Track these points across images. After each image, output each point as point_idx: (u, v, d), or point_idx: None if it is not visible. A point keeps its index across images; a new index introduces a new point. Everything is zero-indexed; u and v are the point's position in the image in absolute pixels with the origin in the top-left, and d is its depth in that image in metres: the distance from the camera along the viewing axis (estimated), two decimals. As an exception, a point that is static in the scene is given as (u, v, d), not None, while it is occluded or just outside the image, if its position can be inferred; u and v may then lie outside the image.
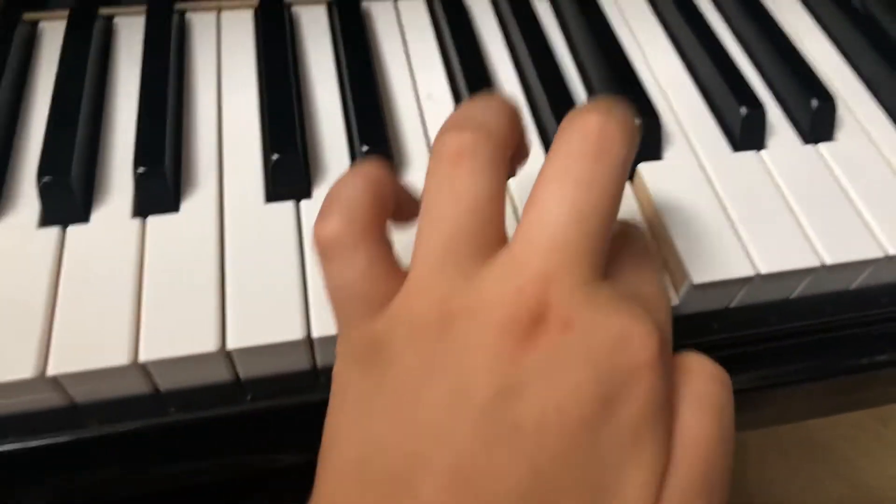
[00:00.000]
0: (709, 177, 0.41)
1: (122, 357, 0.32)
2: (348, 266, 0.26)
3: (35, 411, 0.34)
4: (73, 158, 0.38)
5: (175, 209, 0.38)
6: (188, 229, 0.37)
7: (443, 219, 0.25)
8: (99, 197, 0.39)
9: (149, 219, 0.37)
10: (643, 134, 0.40)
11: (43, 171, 0.37)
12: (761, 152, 0.42)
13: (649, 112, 0.42)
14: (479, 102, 0.28)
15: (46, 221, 0.37)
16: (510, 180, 0.40)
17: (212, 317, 0.33)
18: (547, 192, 0.25)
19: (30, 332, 0.32)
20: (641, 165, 0.41)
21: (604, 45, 0.47)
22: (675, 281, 0.37)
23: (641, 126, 0.40)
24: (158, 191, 0.38)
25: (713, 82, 0.46)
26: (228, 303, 0.34)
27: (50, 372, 0.32)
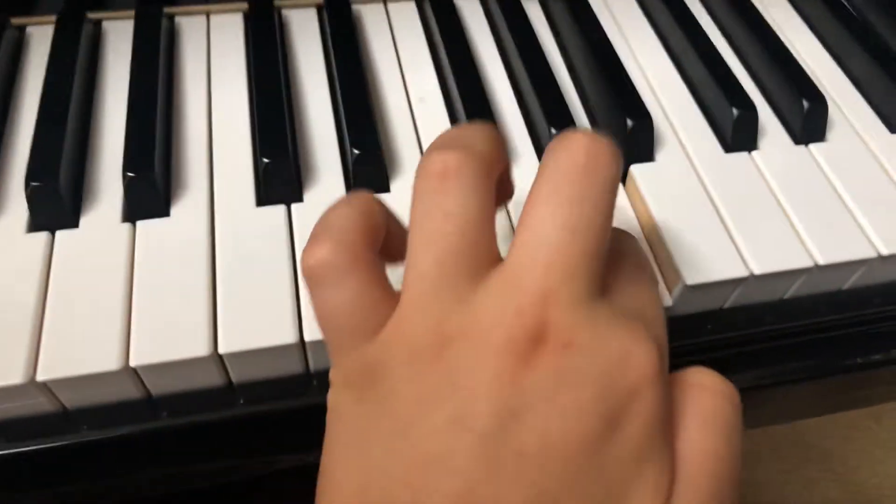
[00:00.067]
0: (701, 178, 0.41)
1: (113, 362, 0.32)
2: (339, 292, 0.25)
3: (25, 417, 0.33)
4: (62, 164, 0.38)
5: (165, 214, 0.38)
6: (179, 234, 0.37)
7: (433, 239, 0.25)
8: (88, 202, 0.38)
9: (139, 224, 0.37)
10: (635, 134, 0.41)
11: (31, 177, 0.37)
12: (753, 153, 0.42)
13: (641, 112, 0.42)
14: (463, 127, 0.28)
15: (35, 227, 0.37)
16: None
17: (203, 321, 0.33)
18: (539, 212, 0.25)
19: (19, 338, 0.32)
20: (634, 167, 0.41)
21: (594, 47, 0.47)
22: (669, 282, 0.37)
23: (633, 128, 0.41)
24: (148, 195, 0.37)
25: (704, 84, 0.46)
26: (220, 307, 0.34)
27: (40, 377, 0.31)
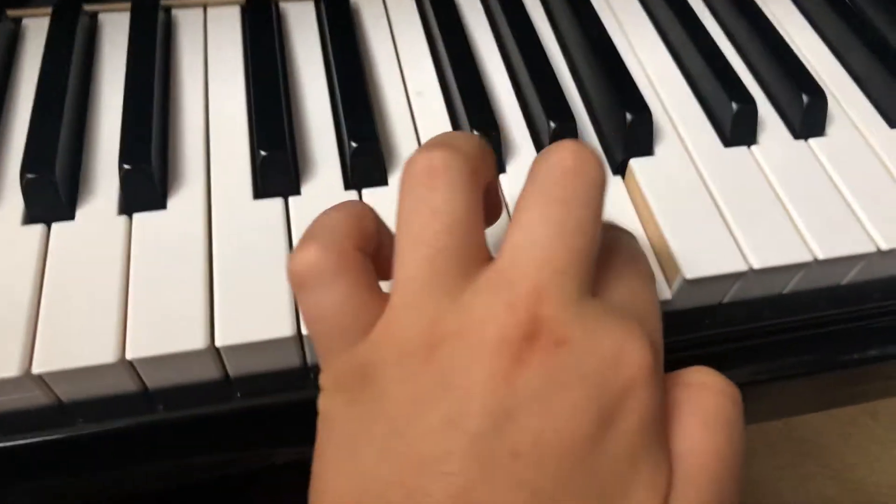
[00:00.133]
0: (700, 172, 0.40)
1: (109, 355, 0.32)
2: (327, 294, 0.25)
3: (21, 410, 0.33)
4: (58, 155, 0.37)
5: (162, 206, 0.38)
6: (175, 226, 0.37)
7: (422, 237, 0.25)
8: (84, 194, 0.38)
9: (135, 216, 0.37)
10: (634, 128, 0.41)
11: (26, 168, 0.36)
12: (752, 148, 0.42)
13: (640, 106, 0.42)
14: (450, 132, 0.28)
15: (31, 219, 0.37)
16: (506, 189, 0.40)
17: (200, 314, 0.33)
18: (529, 213, 0.25)
19: (15, 330, 0.32)
20: (633, 161, 0.41)
21: (593, 40, 0.46)
22: (668, 276, 0.37)
23: (632, 122, 0.41)
24: (144, 188, 0.37)
25: (704, 78, 0.45)
26: (217, 300, 0.34)
27: (35, 370, 0.31)
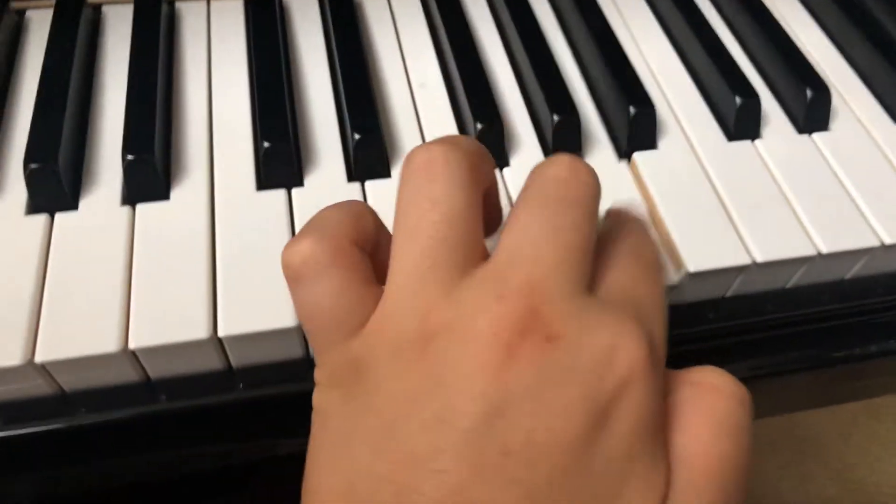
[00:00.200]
0: (704, 166, 0.40)
1: (112, 344, 0.31)
2: (321, 288, 0.25)
3: (23, 399, 0.33)
4: (61, 145, 0.37)
5: (165, 197, 0.38)
6: (179, 217, 0.37)
7: (419, 228, 0.25)
8: (87, 184, 0.38)
9: (138, 206, 0.37)
10: (638, 122, 0.41)
11: (30, 158, 0.36)
12: (756, 142, 0.42)
13: (644, 100, 0.42)
14: (449, 135, 0.28)
15: (34, 209, 0.37)
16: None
17: (203, 304, 0.33)
18: (524, 215, 0.25)
19: (18, 320, 0.32)
20: (636, 154, 0.41)
21: (597, 34, 0.46)
22: (671, 270, 0.37)
23: (636, 115, 0.41)
24: (148, 178, 0.37)
25: (707, 72, 0.45)
26: (220, 290, 0.34)
27: (38, 359, 0.31)
